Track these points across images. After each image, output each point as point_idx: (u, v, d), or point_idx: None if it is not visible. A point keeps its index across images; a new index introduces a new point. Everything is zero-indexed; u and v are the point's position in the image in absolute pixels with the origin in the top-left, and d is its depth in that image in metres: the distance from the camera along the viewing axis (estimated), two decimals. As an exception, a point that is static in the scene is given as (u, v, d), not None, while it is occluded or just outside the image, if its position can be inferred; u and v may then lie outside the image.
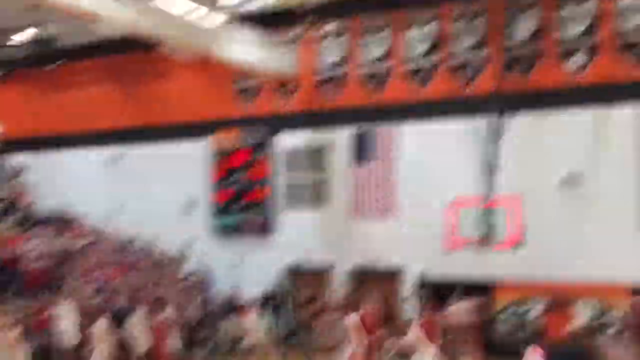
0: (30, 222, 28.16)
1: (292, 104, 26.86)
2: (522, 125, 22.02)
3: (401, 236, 24.09)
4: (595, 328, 21.25)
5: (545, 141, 22.17)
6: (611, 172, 21.40)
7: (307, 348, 23.88)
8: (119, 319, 22.47)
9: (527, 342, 22.07)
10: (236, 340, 22.70)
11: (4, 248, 24.72)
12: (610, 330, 21.17)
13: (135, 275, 25.44)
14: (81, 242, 27.35)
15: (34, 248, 25.13)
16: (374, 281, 24.45)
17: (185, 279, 26.84)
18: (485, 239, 20.59)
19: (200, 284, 26.42)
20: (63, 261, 25.04)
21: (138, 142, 29.69)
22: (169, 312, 21.37)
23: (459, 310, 20.35)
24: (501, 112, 21.35)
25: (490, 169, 21.37)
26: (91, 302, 21.60)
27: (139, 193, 29.12)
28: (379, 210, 24.84)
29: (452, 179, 22.70)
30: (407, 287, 24.05)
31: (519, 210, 20.30)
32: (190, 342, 22.79)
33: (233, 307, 24.33)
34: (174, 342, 21.09)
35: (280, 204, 26.99)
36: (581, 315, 21.71)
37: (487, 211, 20.59)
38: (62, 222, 29.12)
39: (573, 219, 21.83)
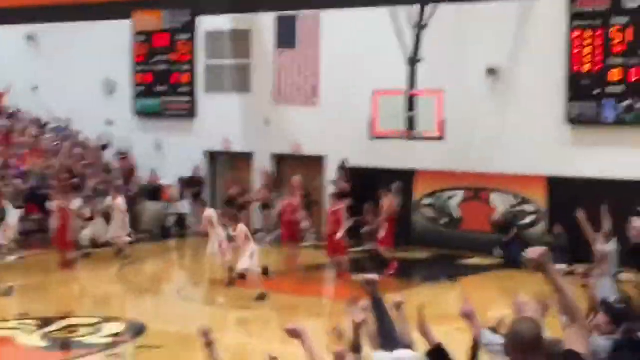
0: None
1: (215, -15, 26.18)
2: (445, 16, 21.63)
3: (324, 124, 23.95)
4: (513, 219, 21.65)
5: (469, 32, 21.99)
6: (535, 65, 21.37)
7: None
8: (35, 203, 22.29)
9: (445, 230, 22.69)
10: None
11: None
12: (526, 221, 21.63)
13: (51, 159, 25.02)
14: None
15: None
16: (296, 169, 24.41)
17: (105, 162, 26.52)
18: (407, 130, 20.53)
19: (119, 167, 26.11)
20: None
21: (58, 20, 28.70)
22: (82, 197, 21.10)
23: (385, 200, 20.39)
24: (425, 2, 21.02)
25: (412, 59, 21.17)
26: (6, 185, 21.20)
27: (58, 73, 28.28)
28: (302, 97, 24.61)
29: (376, 68, 22.45)
30: (329, 176, 24.04)
31: (440, 102, 20.22)
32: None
33: (152, 192, 24.18)
34: (81, 229, 20.82)
35: (202, 88, 26.57)
36: (498, 206, 22.08)
37: (409, 102, 20.48)
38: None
39: (495, 112, 21.91)
